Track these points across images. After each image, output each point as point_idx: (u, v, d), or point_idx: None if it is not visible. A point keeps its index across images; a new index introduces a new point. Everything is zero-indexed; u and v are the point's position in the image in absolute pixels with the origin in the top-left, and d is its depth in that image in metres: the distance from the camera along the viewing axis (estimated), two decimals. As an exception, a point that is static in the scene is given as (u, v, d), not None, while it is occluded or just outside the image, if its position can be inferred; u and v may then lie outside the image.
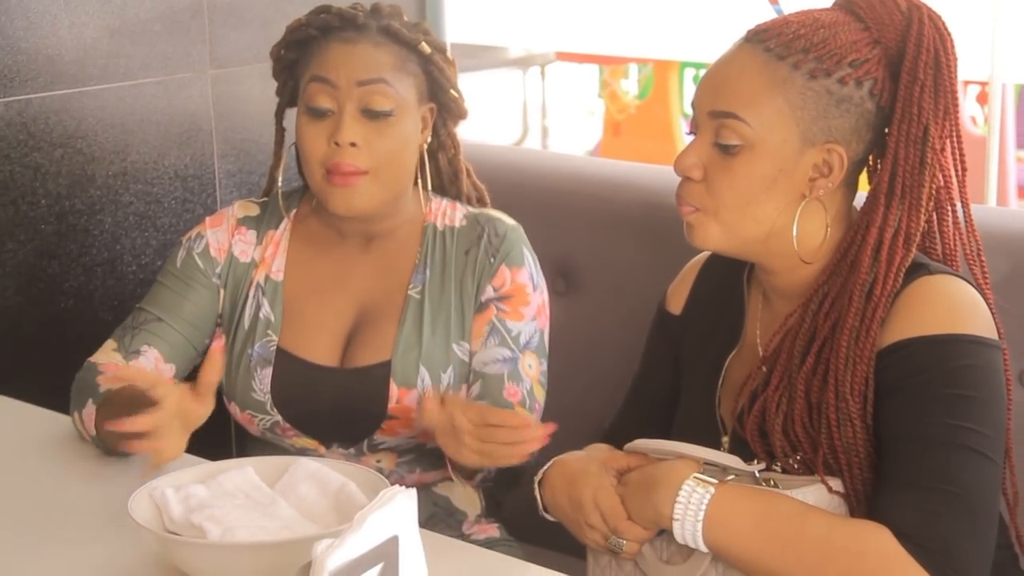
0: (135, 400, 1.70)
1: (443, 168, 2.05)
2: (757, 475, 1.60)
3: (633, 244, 2.26)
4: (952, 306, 1.59)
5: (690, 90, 6.27)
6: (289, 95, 2.01)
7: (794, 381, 1.62)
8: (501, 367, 1.93)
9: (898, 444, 1.56)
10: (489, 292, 1.95)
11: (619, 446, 1.84)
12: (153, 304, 1.98)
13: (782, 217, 1.63)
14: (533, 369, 1.94)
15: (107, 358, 1.93)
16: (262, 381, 1.95)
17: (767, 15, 1.72)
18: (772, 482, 1.59)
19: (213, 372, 1.65)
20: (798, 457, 1.62)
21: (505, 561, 1.67)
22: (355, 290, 1.99)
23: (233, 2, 2.48)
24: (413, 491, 1.28)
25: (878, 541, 1.50)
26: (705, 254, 1.83)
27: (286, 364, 1.96)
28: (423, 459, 1.96)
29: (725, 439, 1.71)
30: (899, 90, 1.61)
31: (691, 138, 1.68)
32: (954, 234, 1.67)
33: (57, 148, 2.29)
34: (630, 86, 6.05)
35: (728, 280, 1.78)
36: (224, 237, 2.01)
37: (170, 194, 2.44)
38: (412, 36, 1.94)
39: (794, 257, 1.65)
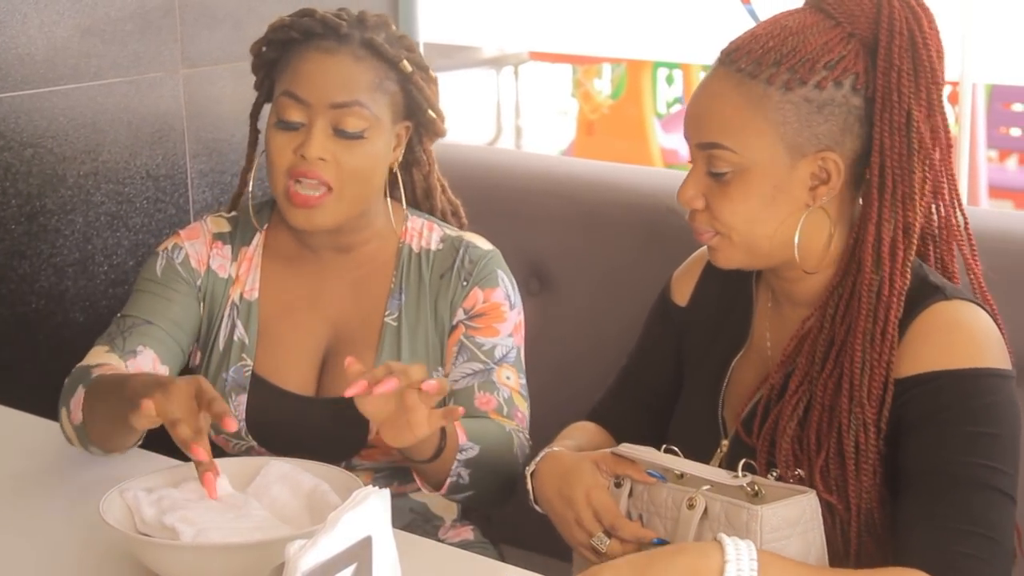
0: (120, 383, 1.69)
1: (417, 183, 2.04)
2: (744, 487, 1.57)
3: (607, 244, 2.27)
4: (972, 338, 1.57)
5: (663, 90, 6.30)
6: (266, 93, 1.98)
7: (813, 387, 1.61)
8: (470, 379, 1.91)
9: (923, 480, 1.54)
10: (460, 315, 1.94)
11: (605, 426, 1.84)
12: (137, 310, 1.94)
13: (791, 229, 1.62)
14: (512, 380, 1.92)
15: (100, 360, 1.88)
16: (237, 408, 1.93)
17: (739, 14, 1.72)
18: (756, 488, 1.57)
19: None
20: (798, 473, 1.60)
21: (479, 561, 1.67)
22: (329, 310, 1.96)
23: (205, 2, 2.47)
24: (386, 492, 1.28)
25: None
26: None
27: (261, 392, 1.93)
28: (399, 473, 1.94)
29: (725, 442, 1.70)
30: (877, 78, 1.59)
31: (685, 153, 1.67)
32: (950, 230, 1.64)
33: (27, 148, 2.28)
34: (603, 86, 6.06)
35: (735, 277, 1.76)
36: (203, 250, 1.98)
37: (142, 194, 2.43)
38: (394, 53, 1.90)
39: (816, 264, 1.64)
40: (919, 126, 1.58)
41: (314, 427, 1.91)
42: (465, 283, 1.94)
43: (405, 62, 1.91)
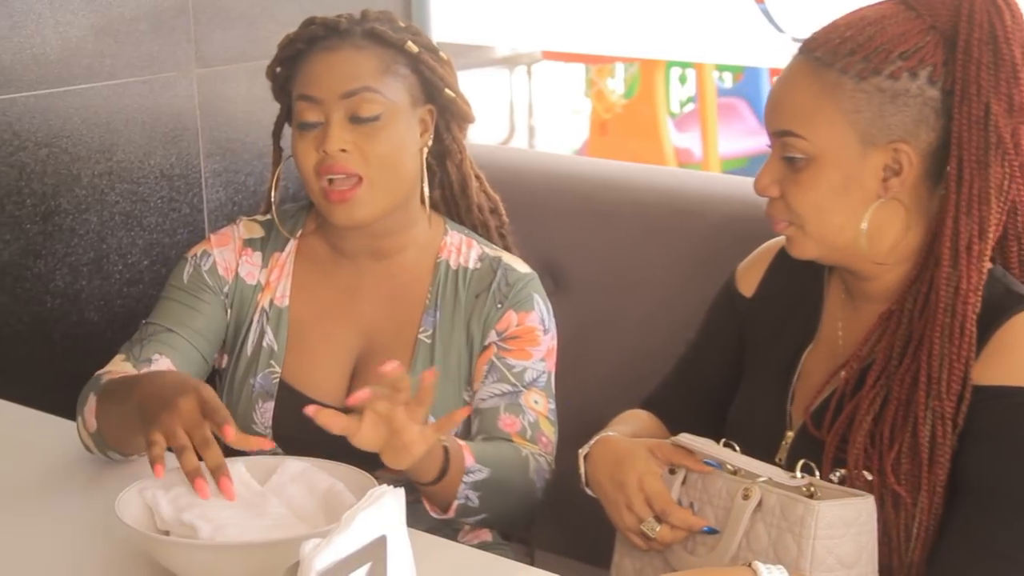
0: (128, 387, 1.69)
1: (452, 175, 2.02)
2: (801, 487, 1.56)
3: (620, 243, 2.27)
4: None
5: (676, 89, 6.29)
6: (287, 111, 1.98)
7: (890, 381, 1.60)
8: (497, 400, 1.90)
9: (978, 492, 1.54)
10: (492, 336, 1.92)
11: (659, 415, 1.84)
12: (162, 317, 1.94)
13: (861, 220, 1.61)
14: (540, 405, 1.91)
15: (116, 368, 1.88)
16: (263, 415, 1.93)
17: (753, 14, 1.72)
18: (812, 489, 1.56)
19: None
20: (864, 475, 1.59)
21: (494, 561, 1.66)
22: (362, 320, 1.95)
23: (218, 1, 2.48)
24: (401, 491, 1.28)
25: None
26: (780, 238, 1.75)
27: (288, 399, 1.92)
28: None
29: (789, 434, 1.69)
30: (956, 71, 1.57)
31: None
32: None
33: (42, 147, 2.28)
34: (616, 85, 6.05)
35: (805, 270, 1.75)
36: (231, 257, 1.97)
37: (156, 193, 2.44)
38: (397, 36, 1.91)
39: (886, 257, 1.63)
40: (997, 120, 1.56)
41: (340, 437, 1.90)
42: (500, 305, 1.93)
43: (410, 43, 1.91)
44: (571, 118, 6.56)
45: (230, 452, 2.00)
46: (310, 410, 1.62)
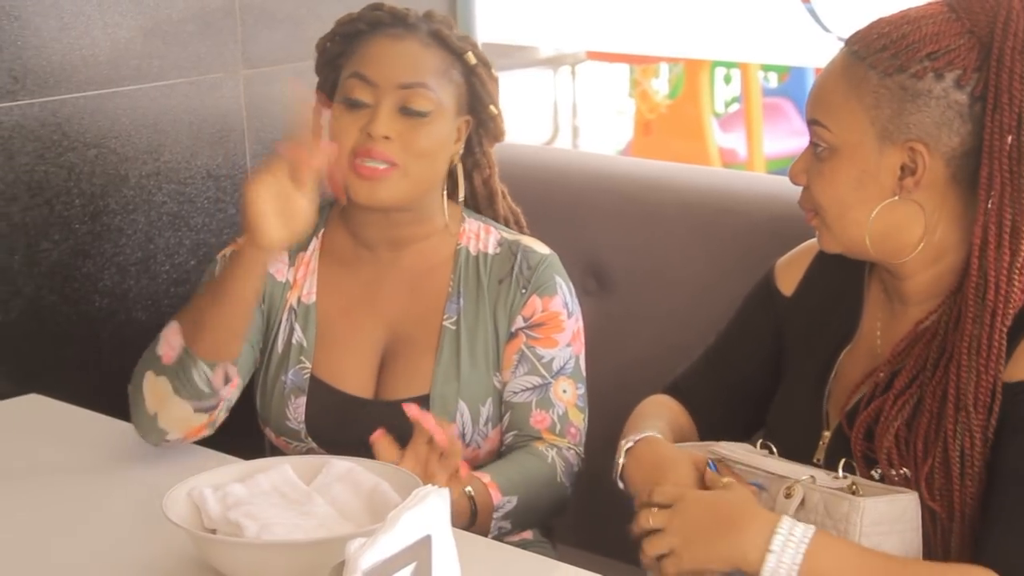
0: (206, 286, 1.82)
1: (478, 189, 2.04)
2: (845, 487, 1.56)
3: (664, 243, 2.26)
4: None
5: (721, 89, 6.27)
6: (329, 90, 1.98)
7: (923, 391, 1.59)
8: (529, 395, 1.92)
9: (1012, 481, 1.53)
10: (519, 322, 1.94)
11: (684, 401, 1.85)
12: None
13: (880, 218, 1.61)
14: (568, 394, 1.93)
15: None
16: (296, 410, 1.94)
17: (799, 13, 1.72)
18: (856, 488, 1.56)
19: (315, 158, 1.73)
20: (903, 472, 1.58)
21: (537, 560, 1.67)
22: (387, 311, 1.97)
23: (265, 2, 2.49)
24: (446, 491, 1.28)
25: None
26: None
27: (320, 394, 1.94)
28: None
29: (826, 434, 1.69)
30: (989, 78, 1.57)
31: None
32: None
33: (91, 148, 2.30)
34: (661, 85, 6.03)
35: (846, 269, 1.74)
36: None
37: (203, 194, 2.45)
38: (460, 44, 1.93)
39: (897, 256, 1.63)
40: None
41: (372, 429, 1.91)
42: (524, 290, 1.94)
43: (470, 54, 1.94)
44: (615, 118, 6.55)
45: (276, 452, 2.02)
46: (412, 412, 1.72)
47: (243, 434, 1.97)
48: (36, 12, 2.22)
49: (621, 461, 1.72)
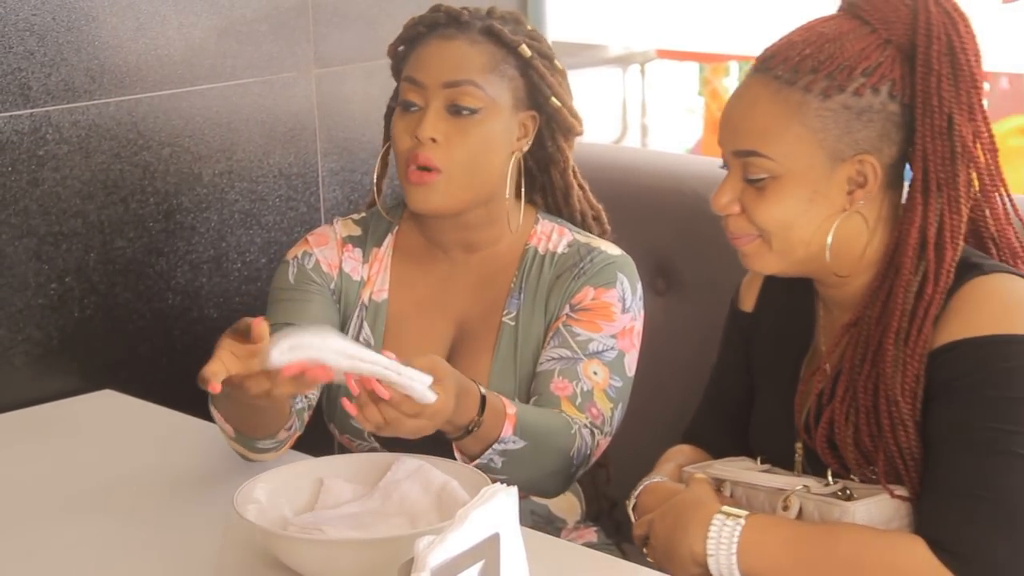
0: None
1: (556, 183, 2.02)
2: (837, 492, 1.59)
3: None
4: (1003, 306, 1.56)
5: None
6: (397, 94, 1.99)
7: (857, 391, 1.61)
8: (554, 364, 1.89)
9: (941, 448, 1.55)
10: (566, 309, 1.92)
11: (700, 445, 1.85)
12: (276, 317, 1.92)
13: (826, 234, 1.61)
14: (599, 376, 1.88)
15: None
16: None
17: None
18: (847, 491, 1.59)
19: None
20: (873, 469, 1.60)
21: (606, 560, 1.67)
22: (454, 310, 1.97)
23: (337, 2, 2.51)
24: (514, 489, 1.28)
25: (911, 553, 1.51)
26: None
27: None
28: None
29: (799, 445, 1.69)
30: (916, 84, 1.58)
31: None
32: (1002, 223, 1.64)
33: (165, 147, 2.33)
34: (731, 84, 6.00)
35: (797, 281, 1.75)
36: (333, 255, 1.99)
37: (274, 192, 2.47)
38: (512, 38, 1.92)
39: (850, 268, 1.63)
40: (961, 130, 1.58)
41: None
42: (579, 280, 1.92)
43: (524, 47, 1.92)
44: (685, 117, 6.52)
45: (343, 450, 2.03)
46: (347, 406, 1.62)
47: (315, 428, 1.99)
48: (113, 13, 2.25)
49: (631, 515, 1.75)
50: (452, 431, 1.70)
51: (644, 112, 6.30)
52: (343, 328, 1.98)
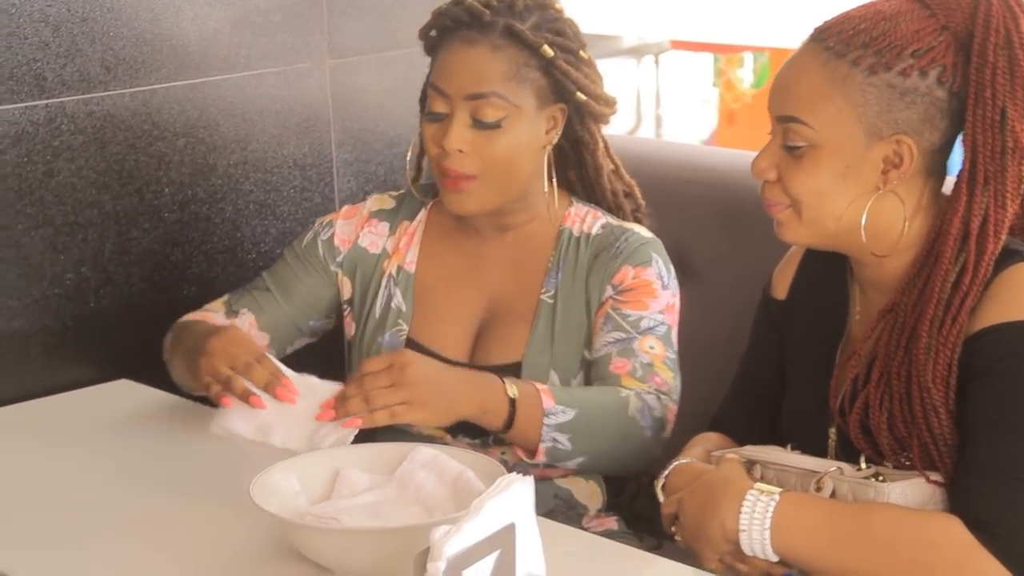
0: (184, 336, 1.95)
1: (587, 163, 2.04)
2: (870, 477, 1.59)
3: (749, 233, 2.24)
4: None
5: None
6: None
7: (892, 376, 1.61)
8: (610, 347, 1.92)
9: (978, 429, 1.55)
10: (608, 291, 1.94)
11: (728, 432, 1.85)
12: (272, 275, 2.07)
13: (859, 211, 1.62)
14: (656, 350, 1.91)
15: (211, 307, 2.06)
16: None
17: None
18: (880, 477, 1.59)
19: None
20: (907, 455, 1.61)
21: (623, 550, 1.67)
22: (486, 284, 2.00)
23: (351, -7, 2.51)
24: (530, 479, 1.29)
25: (947, 532, 1.51)
26: None
27: None
28: None
29: (832, 431, 1.69)
30: (970, 74, 1.57)
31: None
32: None
33: (180, 137, 2.33)
34: (745, 75, 6.00)
35: (831, 267, 1.76)
36: (352, 229, 2.05)
37: (289, 183, 2.47)
38: (535, 39, 1.91)
39: (886, 249, 1.63)
40: (1014, 125, 1.57)
41: None
42: (616, 260, 1.95)
43: (546, 47, 1.92)
44: (699, 108, 6.51)
45: (362, 438, 2.04)
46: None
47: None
48: (127, 3, 2.25)
49: (659, 494, 1.74)
50: (494, 421, 1.78)
51: (658, 103, 6.30)
52: (365, 297, 2.03)
